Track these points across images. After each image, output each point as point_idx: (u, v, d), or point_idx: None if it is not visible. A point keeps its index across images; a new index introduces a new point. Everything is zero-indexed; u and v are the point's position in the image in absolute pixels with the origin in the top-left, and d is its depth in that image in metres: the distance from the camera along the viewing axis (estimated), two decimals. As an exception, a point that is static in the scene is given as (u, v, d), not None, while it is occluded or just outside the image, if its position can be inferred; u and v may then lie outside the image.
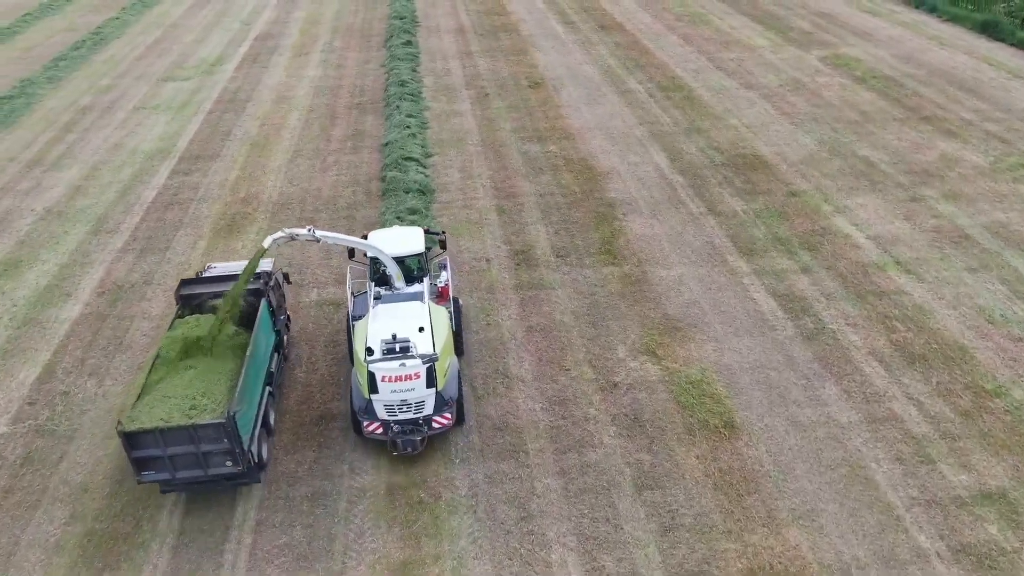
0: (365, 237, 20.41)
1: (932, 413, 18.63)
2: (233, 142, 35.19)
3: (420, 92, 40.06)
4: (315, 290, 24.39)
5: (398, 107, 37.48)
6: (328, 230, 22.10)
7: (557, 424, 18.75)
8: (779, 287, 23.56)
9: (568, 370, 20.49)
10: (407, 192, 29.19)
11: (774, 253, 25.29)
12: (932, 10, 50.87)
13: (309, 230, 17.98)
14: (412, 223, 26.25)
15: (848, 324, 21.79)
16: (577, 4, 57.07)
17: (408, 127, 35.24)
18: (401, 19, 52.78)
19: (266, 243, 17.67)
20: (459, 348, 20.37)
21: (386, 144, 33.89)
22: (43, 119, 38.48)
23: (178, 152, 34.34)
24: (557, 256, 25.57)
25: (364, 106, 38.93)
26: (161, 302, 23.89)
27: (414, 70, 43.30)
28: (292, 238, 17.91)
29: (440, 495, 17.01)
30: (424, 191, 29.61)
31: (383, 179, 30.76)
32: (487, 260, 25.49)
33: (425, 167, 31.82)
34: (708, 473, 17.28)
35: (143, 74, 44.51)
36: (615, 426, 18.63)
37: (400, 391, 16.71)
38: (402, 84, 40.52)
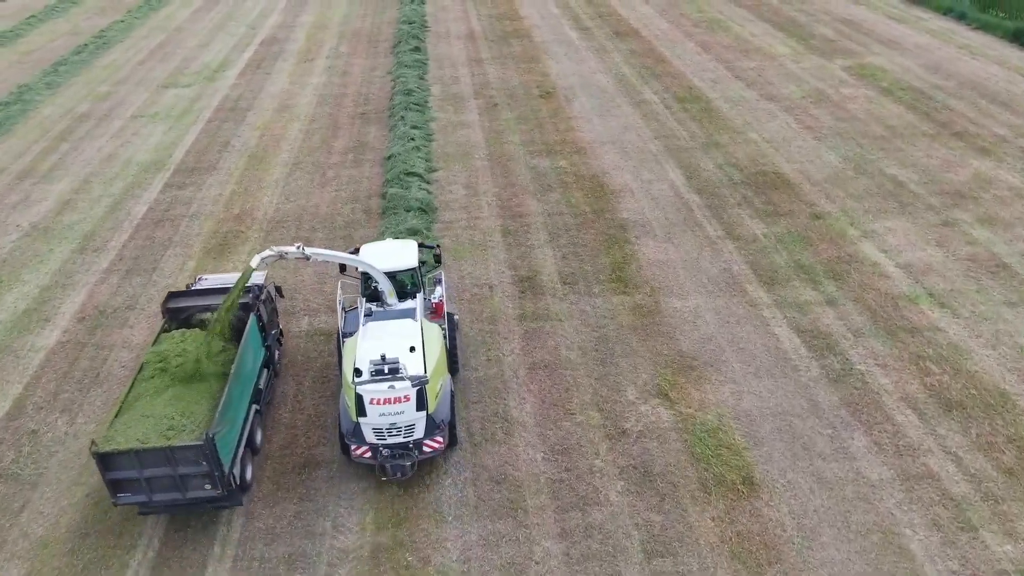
0: (357, 251, 19.58)
1: (972, 470, 16.93)
2: (231, 154, 33.87)
3: (427, 101, 38.61)
4: (306, 318, 22.96)
5: (403, 117, 36.04)
6: (319, 247, 20.92)
7: (560, 477, 17.19)
8: (802, 321, 21.88)
9: (573, 414, 18.92)
10: (408, 211, 27.72)
11: (797, 283, 23.60)
12: (961, 17, 48.87)
13: (298, 247, 17.21)
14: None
15: (878, 365, 20.09)
16: (592, 9, 55.46)
17: (412, 139, 33.78)
18: (410, 24, 51.38)
19: (254, 262, 16.98)
20: (453, 366, 19.45)
21: (389, 157, 32.44)
22: (38, 127, 37.34)
23: (173, 164, 33.05)
24: (564, 283, 24.00)
25: (368, 116, 37.52)
26: (143, 329, 22.54)
27: (421, 78, 41.87)
28: (281, 256, 17.18)
29: (429, 559, 15.49)
30: (426, 209, 28.14)
31: (384, 196, 29.31)
32: (490, 287, 23.96)
33: (428, 183, 30.34)
34: (725, 538, 15.67)
35: (143, 80, 43.34)
36: (623, 480, 17.04)
37: (389, 414, 15.96)
38: (408, 93, 39.09)
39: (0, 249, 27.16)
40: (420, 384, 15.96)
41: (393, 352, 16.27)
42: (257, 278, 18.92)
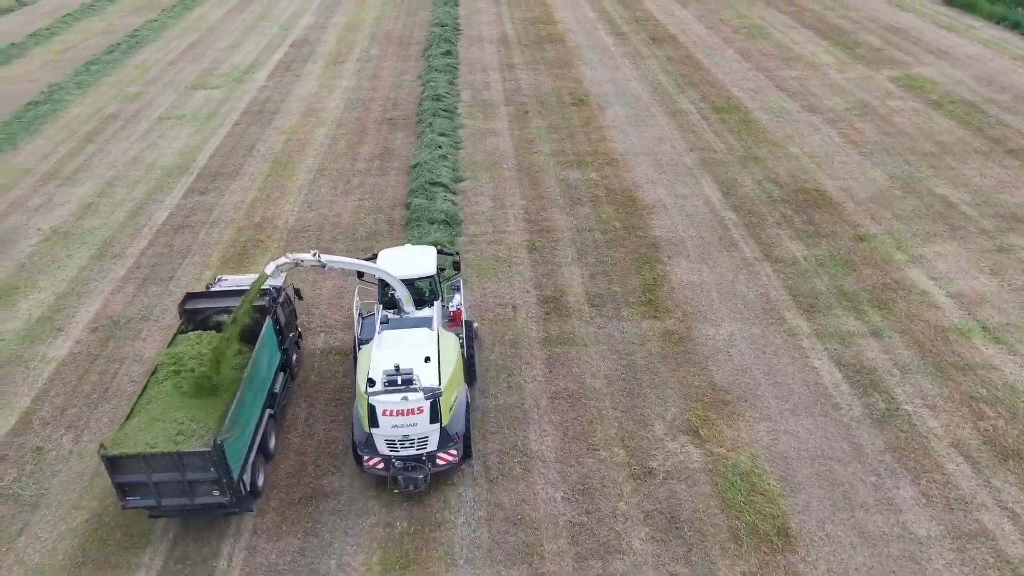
0: (375, 256, 19.38)
1: (1031, 529, 15.54)
2: (255, 159, 33.27)
3: (456, 108, 37.71)
4: (322, 335, 22.14)
5: (431, 124, 35.18)
6: (335, 255, 20.55)
7: (580, 520, 16.12)
8: (844, 354, 20.53)
9: (597, 450, 17.83)
10: (432, 223, 26.82)
11: (839, 311, 22.24)
12: (1015, 26, 46.78)
13: (314, 255, 16.90)
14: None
15: (926, 405, 18.70)
16: (629, 14, 54.18)
17: (440, 147, 32.90)
18: (442, 27, 50.57)
19: (268, 269, 16.74)
20: (471, 376, 19.02)
21: (415, 166, 31.58)
22: (66, 127, 37.13)
23: (197, 168, 32.54)
24: (592, 305, 22.90)
25: (396, 121, 36.73)
26: (156, 342, 21.89)
27: (451, 83, 40.99)
28: (297, 264, 16.85)
29: (438, 607, 14.54)
30: (451, 222, 27.21)
31: (408, 206, 28.45)
32: (513, 307, 22.94)
33: (454, 193, 29.42)
34: (757, 597, 14.49)
35: (173, 81, 43.04)
36: (648, 526, 15.92)
37: (402, 426, 15.66)
38: (437, 98, 38.22)
39: (20, 253, 26.77)
40: (434, 396, 15.58)
41: (408, 362, 15.93)
42: (276, 280, 18.65)
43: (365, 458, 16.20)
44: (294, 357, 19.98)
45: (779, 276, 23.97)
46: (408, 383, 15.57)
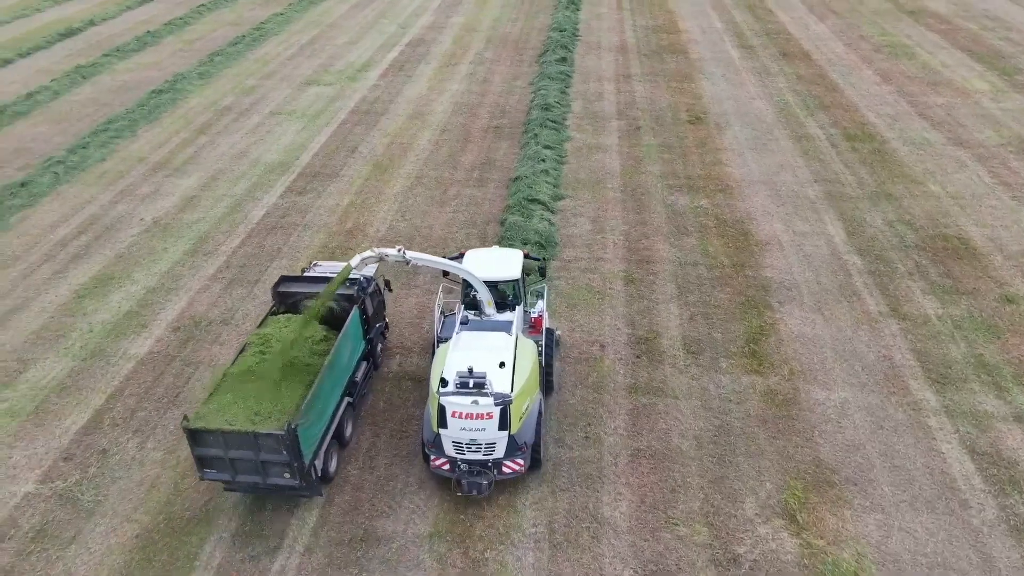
0: (462, 255, 19.11)
1: None
2: (356, 160, 32.85)
3: (565, 119, 36.16)
4: (398, 357, 21.13)
5: (536, 135, 33.78)
6: (419, 251, 20.22)
7: (649, 608, 14.33)
8: (980, 440, 17.72)
9: (676, 525, 15.93)
10: (525, 244, 25.40)
11: (976, 385, 19.33)
12: None
13: (399, 250, 16.80)
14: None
15: (1079, 516, 15.77)
16: (760, 26, 51.02)
17: (543, 160, 31.46)
18: (561, 32, 49.09)
19: (353, 262, 16.70)
20: (548, 386, 18.77)
21: (515, 179, 30.28)
22: (182, 118, 38.00)
23: (299, 167, 32.41)
24: (688, 351, 20.88)
25: (502, 130, 35.55)
26: (232, 348, 21.48)
27: (563, 92, 39.46)
28: (382, 258, 16.94)
29: None
30: (545, 243, 25.72)
31: (502, 223, 27.16)
32: (601, 346, 21.22)
33: (552, 212, 27.91)
34: None
35: (288, 76, 43.50)
36: (727, 626, 13.95)
37: (470, 429, 15.51)
38: (546, 108, 36.79)
39: (120, 243, 27.20)
40: (504, 403, 15.36)
41: (482, 366, 15.82)
42: (367, 270, 18.75)
43: (432, 458, 16.16)
44: (379, 348, 20.25)
45: (906, 336, 21.18)
46: (480, 387, 15.42)
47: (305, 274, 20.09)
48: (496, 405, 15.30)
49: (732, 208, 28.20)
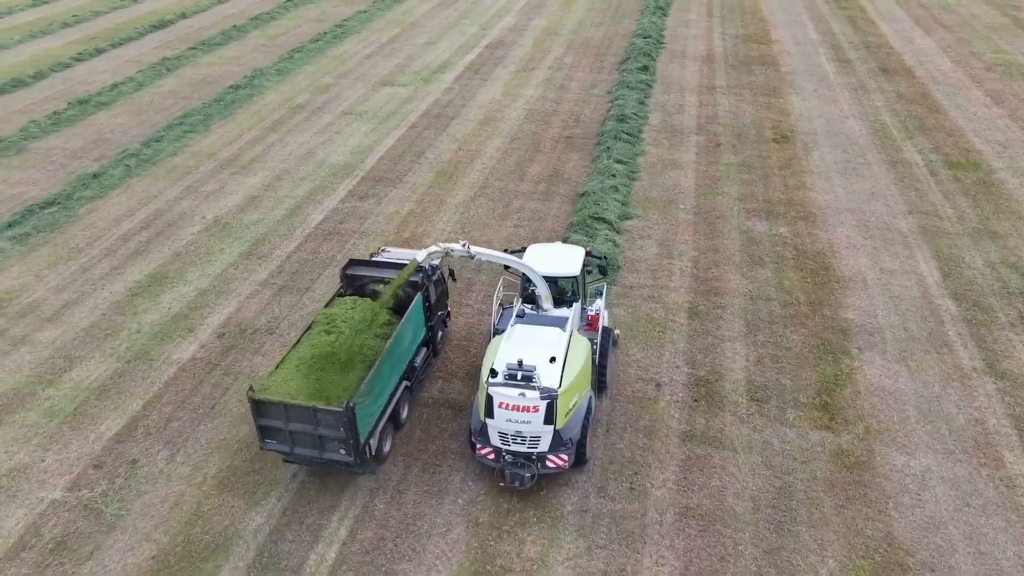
0: (524, 250, 19.39)
1: None
2: (422, 166, 32.07)
3: (640, 131, 34.51)
4: (439, 382, 20.12)
5: (608, 148, 32.30)
6: (484, 247, 20.27)
7: None
8: (1086, 531, 15.45)
9: (722, 601, 14.37)
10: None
11: (1084, 464, 16.97)
12: None
13: (464, 245, 17.19)
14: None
15: None
16: (859, 37, 47.98)
17: (613, 175, 29.97)
18: (645, 38, 47.28)
19: (420, 256, 17.28)
20: (600, 384, 18.85)
21: (582, 194, 28.91)
22: (255, 114, 38.08)
23: (363, 170, 31.86)
24: (752, 398, 19.14)
25: (573, 140, 34.19)
26: (274, 359, 20.92)
27: (642, 102, 37.78)
28: (447, 253, 17.29)
29: None
30: (606, 267, 24.25)
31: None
32: (657, 385, 19.68)
33: (618, 232, 26.43)
34: None
35: (364, 75, 43.21)
36: None
37: (516, 421, 15.68)
38: (622, 119, 35.23)
39: (179, 240, 27.15)
40: (550, 398, 15.44)
41: (532, 359, 16.04)
42: (433, 259, 18.70)
43: (478, 446, 16.40)
44: (439, 335, 20.78)
45: (1003, 398, 18.88)
46: (528, 380, 15.62)
47: (373, 259, 20.48)
48: (542, 399, 15.37)
49: (813, 238, 26.10)
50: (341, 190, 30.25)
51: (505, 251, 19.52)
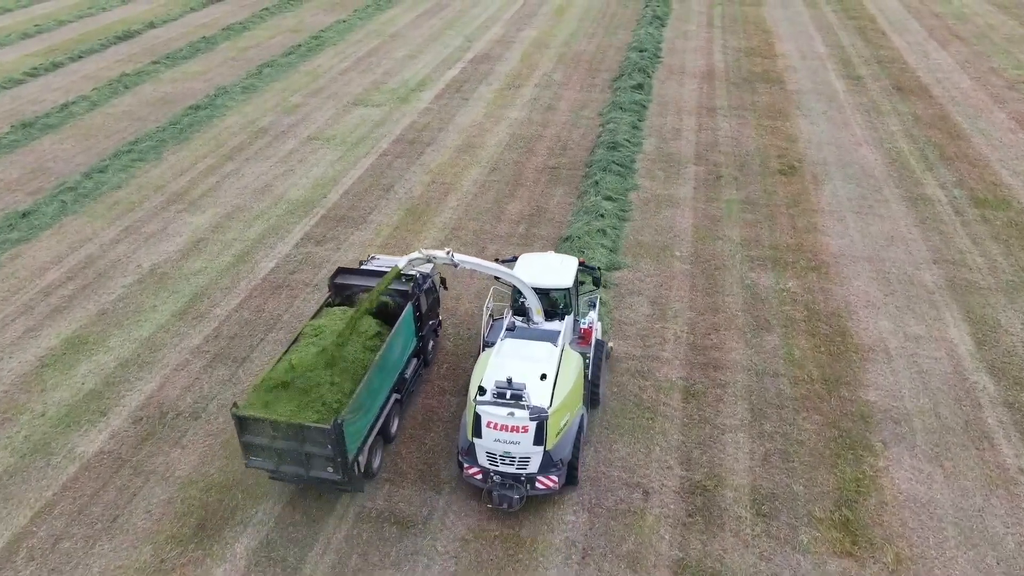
0: (515, 259, 18.69)
1: None
2: (389, 203, 28.89)
3: (633, 161, 31.32)
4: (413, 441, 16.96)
5: (597, 182, 29.12)
6: (468, 255, 18.56)
7: None
8: None
9: None
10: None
11: None
12: None
13: (448, 253, 16.47)
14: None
15: None
16: (870, 51, 44.75)
17: (602, 215, 26.81)
18: (641, 52, 44.04)
19: (401, 263, 16.66)
20: (593, 399, 18.20)
21: (566, 239, 25.73)
22: (214, 139, 34.86)
23: (324, 207, 28.67)
24: (758, 512, 15.98)
25: (559, 172, 30.99)
26: (195, 456, 17.79)
27: (635, 126, 34.58)
28: (429, 260, 16.56)
29: None
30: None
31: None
32: (645, 492, 16.51)
33: (604, 286, 23.24)
34: None
35: (337, 93, 39.98)
36: None
37: (504, 441, 15.08)
38: (613, 146, 32.03)
39: (108, 295, 23.97)
40: (540, 418, 14.85)
41: (522, 376, 15.43)
42: (415, 266, 17.89)
43: (465, 466, 15.83)
44: (430, 345, 20.27)
45: (1061, 515, 15.71)
46: (517, 398, 15.03)
47: (362, 267, 19.97)
48: (532, 419, 14.81)
49: (827, 294, 22.92)
50: (297, 232, 27.07)
51: (496, 260, 18.58)
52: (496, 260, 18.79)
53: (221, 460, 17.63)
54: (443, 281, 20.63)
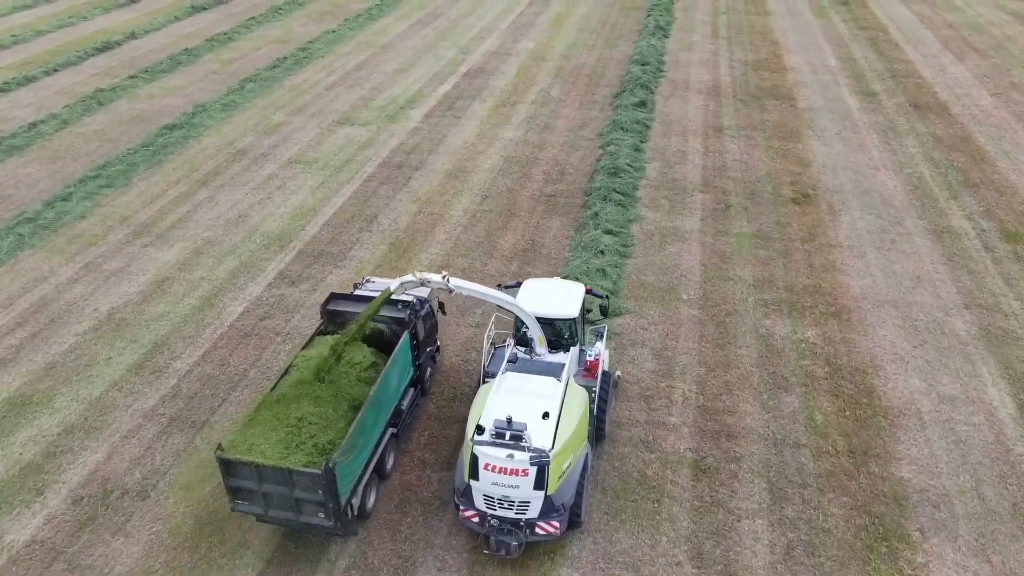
0: (519, 284, 17.93)
1: None
2: (372, 235, 26.76)
3: (635, 189, 29.19)
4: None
5: (597, 213, 27.00)
6: (464, 280, 17.16)
7: None
8: None
9: None
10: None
11: None
12: None
13: (443, 277, 15.59)
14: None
15: None
16: (883, 65, 42.60)
17: (602, 252, 24.72)
18: (643, 66, 41.88)
19: (393, 285, 16.05)
20: (598, 434, 17.24)
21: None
22: (188, 162, 32.69)
23: (301, 241, 26.54)
24: (781, 624, 13.84)
25: (556, 200, 28.86)
26: (142, 542, 15.66)
27: (637, 148, 32.45)
28: (422, 284, 15.79)
29: None
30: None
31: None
32: (650, 598, 14.39)
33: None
34: None
35: (322, 111, 37.82)
36: None
37: (503, 485, 14.18)
38: (615, 172, 29.90)
39: (59, 345, 21.82)
40: (541, 462, 13.94)
41: (523, 415, 14.50)
42: (420, 292, 18.16)
43: (461, 508, 14.97)
44: (427, 373, 19.30)
45: None
46: (517, 439, 14.14)
47: (356, 292, 18.95)
48: (532, 463, 13.92)
49: (849, 346, 20.79)
50: (270, 270, 24.92)
51: (498, 286, 17.89)
52: (499, 286, 18.02)
53: (168, 552, 15.50)
54: (441, 306, 19.63)
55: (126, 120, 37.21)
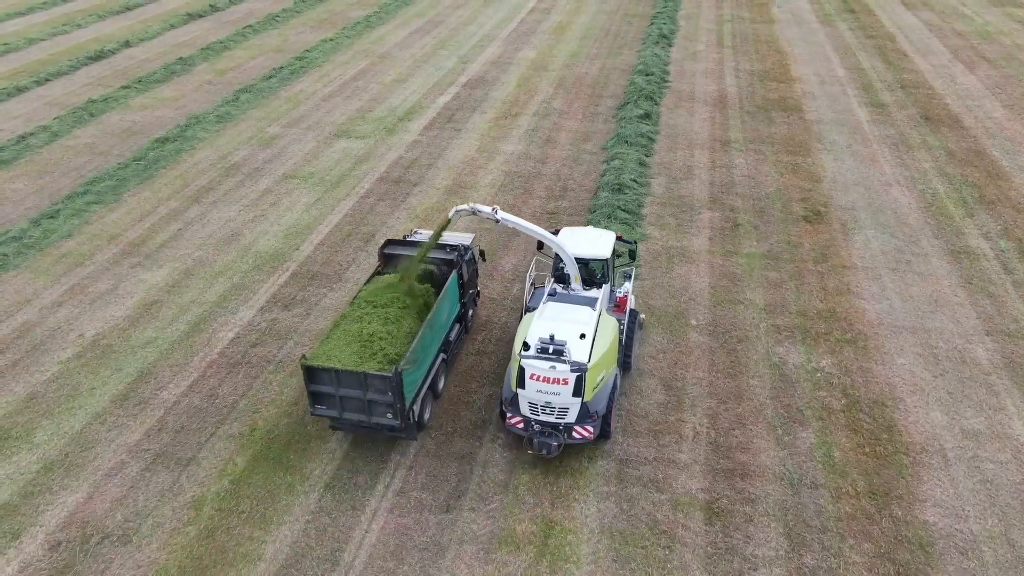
0: (556, 232, 19.74)
1: None
2: (369, 256, 25.82)
3: (641, 206, 28.30)
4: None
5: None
6: (513, 215, 19.76)
7: None
8: None
9: None
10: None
11: None
12: None
13: (493, 209, 17.20)
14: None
15: None
16: (892, 75, 41.72)
17: (606, 273, 23.79)
18: (647, 76, 41.02)
19: (451, 213, 17.55)
20: (626, 364, 19.47)
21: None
22: (180, 177, 31.80)
23: (296, 261, 25.65)
24: None
25: (558, 218, 27.95)
26: (120, 595, 14.72)
27: (642, 163, 31.58)
28: (474, 212, 17.27)
29: None
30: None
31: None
32: (662, 658, 13.45)
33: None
34: None
35: (319, 123, 36.93)
36: None
37: (546, 392, 16.29)
38: (619, 188, 29.02)
39: (41, 374, 20.91)
40: (579, 371, 15.97)
41: (563, 335, 16.57)
42: (465, 239, 21.25)
43: (508, 415, 17.04)
44: (470, 312, 21.49)
45: None
46: (559, 354, 16.11)
47: (407, 239, 21.10)
48: (572, 372, 15.92)
49: (867, 376, 19.87)
50: (263, 293, 24.02)
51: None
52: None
53: (149, 605, 14.57)
54: (482, 253, 21.85)
55: (117, 132, 36.32)
